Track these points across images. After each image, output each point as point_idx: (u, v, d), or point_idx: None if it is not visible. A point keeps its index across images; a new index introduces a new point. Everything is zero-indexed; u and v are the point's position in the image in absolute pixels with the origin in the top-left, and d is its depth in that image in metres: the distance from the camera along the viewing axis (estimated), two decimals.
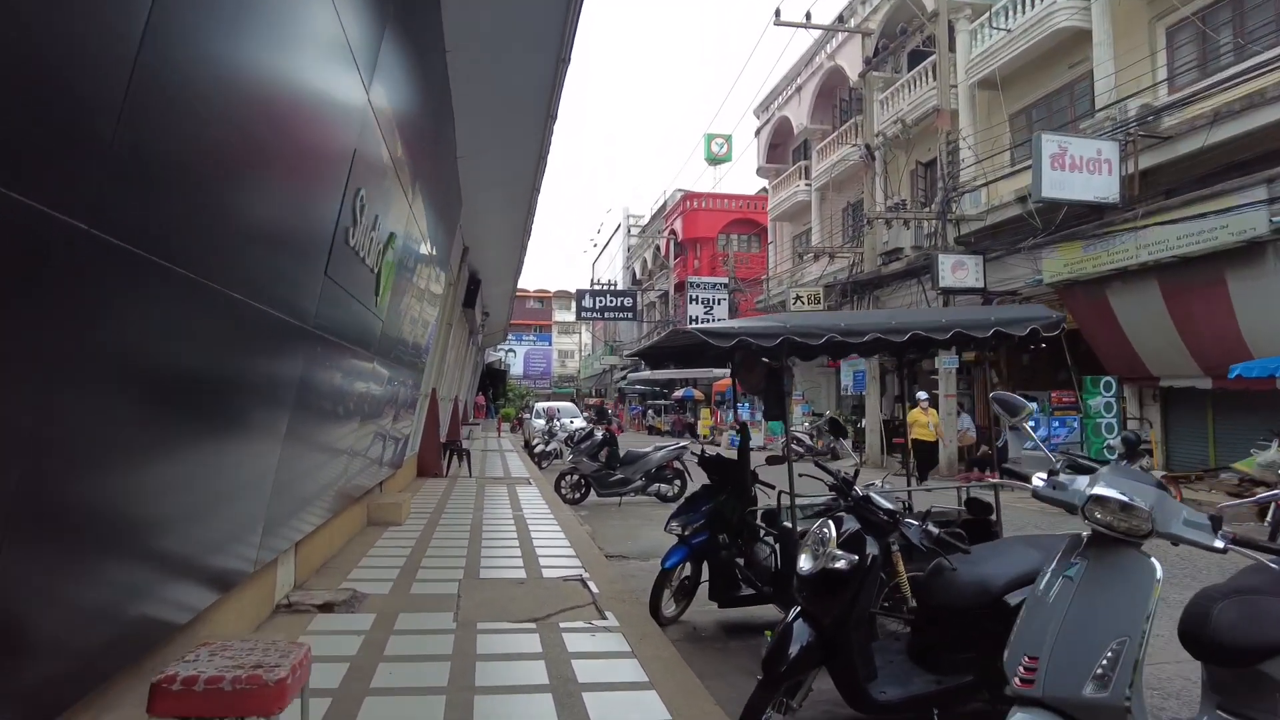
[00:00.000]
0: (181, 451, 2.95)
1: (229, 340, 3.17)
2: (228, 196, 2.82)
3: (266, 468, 3.95)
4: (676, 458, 11.98)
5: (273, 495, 4.12)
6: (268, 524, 4.14)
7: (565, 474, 12.05)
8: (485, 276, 17.31)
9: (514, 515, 9.31)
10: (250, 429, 3.66)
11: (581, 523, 9.56)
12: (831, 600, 3.41)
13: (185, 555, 3.24)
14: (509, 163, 9.97)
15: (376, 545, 7.23)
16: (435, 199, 8.10)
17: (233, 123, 2.69)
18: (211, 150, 2.58)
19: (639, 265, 54.50)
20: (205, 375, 3.04)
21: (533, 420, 25.17)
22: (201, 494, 3.25)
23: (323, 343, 4.47)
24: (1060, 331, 4.80)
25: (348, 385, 5.82)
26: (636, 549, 8.31)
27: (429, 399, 13.67)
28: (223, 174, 2.73)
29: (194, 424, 3.03)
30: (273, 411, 3.88)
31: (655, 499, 11.99)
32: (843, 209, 26.19)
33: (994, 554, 3.69)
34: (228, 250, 2.93)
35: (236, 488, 3.65)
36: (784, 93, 30.49)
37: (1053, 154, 12.29)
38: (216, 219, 2.76)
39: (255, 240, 3.20)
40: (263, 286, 3.34)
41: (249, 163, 2.93)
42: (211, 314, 2.89)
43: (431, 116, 6.77)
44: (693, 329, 4.16)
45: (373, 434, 7.83)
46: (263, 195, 3.17)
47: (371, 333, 6.10)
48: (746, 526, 5.22)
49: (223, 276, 2.85)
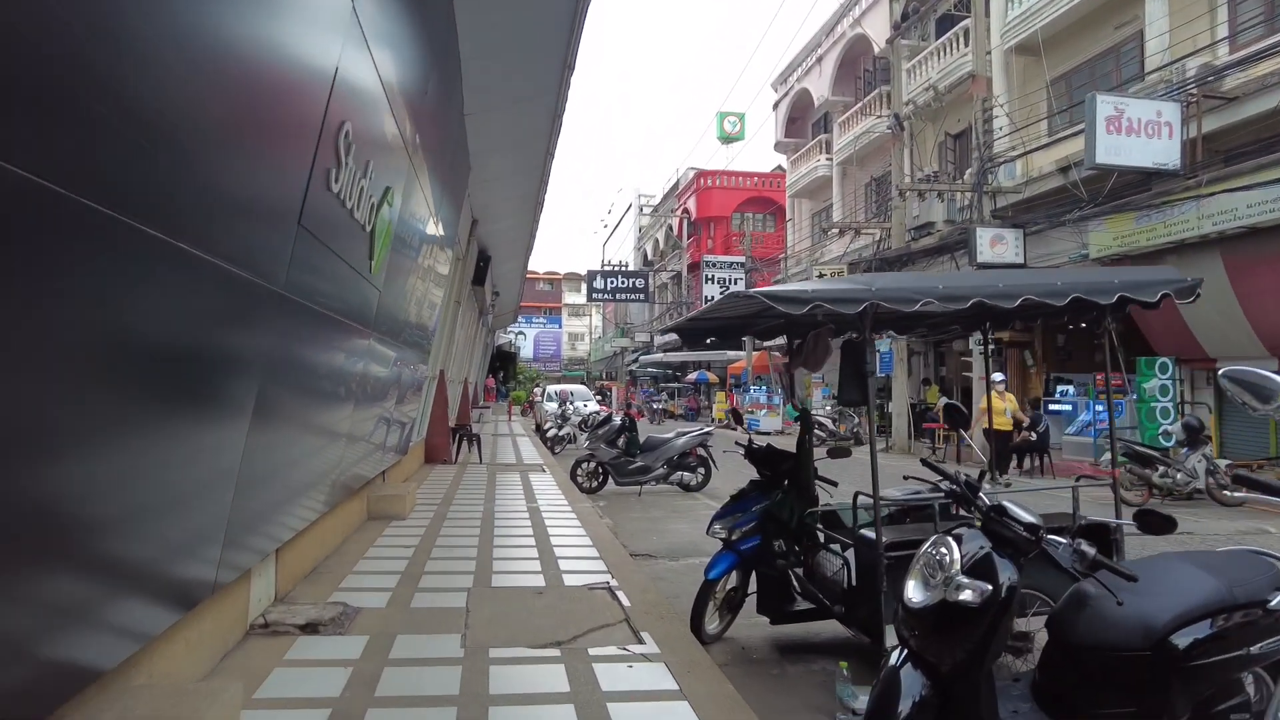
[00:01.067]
0: (100, 441, 2.16)
1: (161, 302, 2.37)
2: (146, 93, 1.99)
3: (225, 463, 3.16)
4: (700, 444, 11.18)
5: (238, 496, 3.33)
6: (232, 532, 3.36)
7: (581, 461, 11.27)
8: (495, 253, 16.48)
9: (528, 507, 8.53)
10: (199, 414, 2.86)
11: (601, 515, 8.78)
12: (953, 642, 2.60)
13: (111, 580, 2.46)
14: (522, 121, 9.12)
15: (376, 544, 6.46)
16: (440, 155, 7.26)
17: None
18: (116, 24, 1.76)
19: (650, 246, 53.51)
20: (131, 344, 2.24)
21: (544, 403, 24.38)
22: (133, 496, 2.46)
23: (301, 311, 3.66)
24: (1195, 298, 3.95)
25: (340, 364, 5.02)
26: (664, 546, 7.52)
27: (437, 381, 12.90)
28: (136, 59, 1.91)
29: (119, 405, 2.24)
30: (230, 393, 3.08)
31: (678, 488, 11.20)
32: (866, 184, 25.19)
33: (1152, 578, 2.86)
34: (157, 182, 2.12)
35: (183, 487, 2.85)
36: (804, 64, 29.40)
37: (1108, 116, 11.32)
38: (136, 130, 1.94)
39: (197, 171, 2.38)
40: (211, 233, 2.53)
41: (179, 49, 2.10)
42: (134, 264, 2.09)
43: (437, 58, 5.92)
44: (757, 292, 3.35)
45: (374, 419, 7.05)
46: (202, 101, 2.34)
47: (367, 304, 5.29)
48: (807, 531, 4.41)
49: (151, 217, 2.05)
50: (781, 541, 4.42)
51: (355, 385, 5.54)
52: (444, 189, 8.01)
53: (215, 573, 3.25)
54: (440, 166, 7.48)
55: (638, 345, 51.73)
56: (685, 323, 4.96)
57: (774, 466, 4.71)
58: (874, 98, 24.04)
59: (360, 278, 4.85)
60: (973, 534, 2.74)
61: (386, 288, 5.81)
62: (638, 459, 11.00)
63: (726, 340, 5.22)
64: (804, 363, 4.13)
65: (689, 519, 9.05)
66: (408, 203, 5.91)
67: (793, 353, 4.61)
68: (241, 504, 3.42)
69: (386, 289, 5.83)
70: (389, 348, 6.75)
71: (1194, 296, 3.92)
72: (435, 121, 6.53)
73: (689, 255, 43.31)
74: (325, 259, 3.92)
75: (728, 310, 4.43)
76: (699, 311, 4.46)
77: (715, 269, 30.01)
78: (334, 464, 5.45)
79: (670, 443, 11.11)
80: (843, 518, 4.56)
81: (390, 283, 5.94)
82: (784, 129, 31.47)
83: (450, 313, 12.93)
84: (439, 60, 5.98)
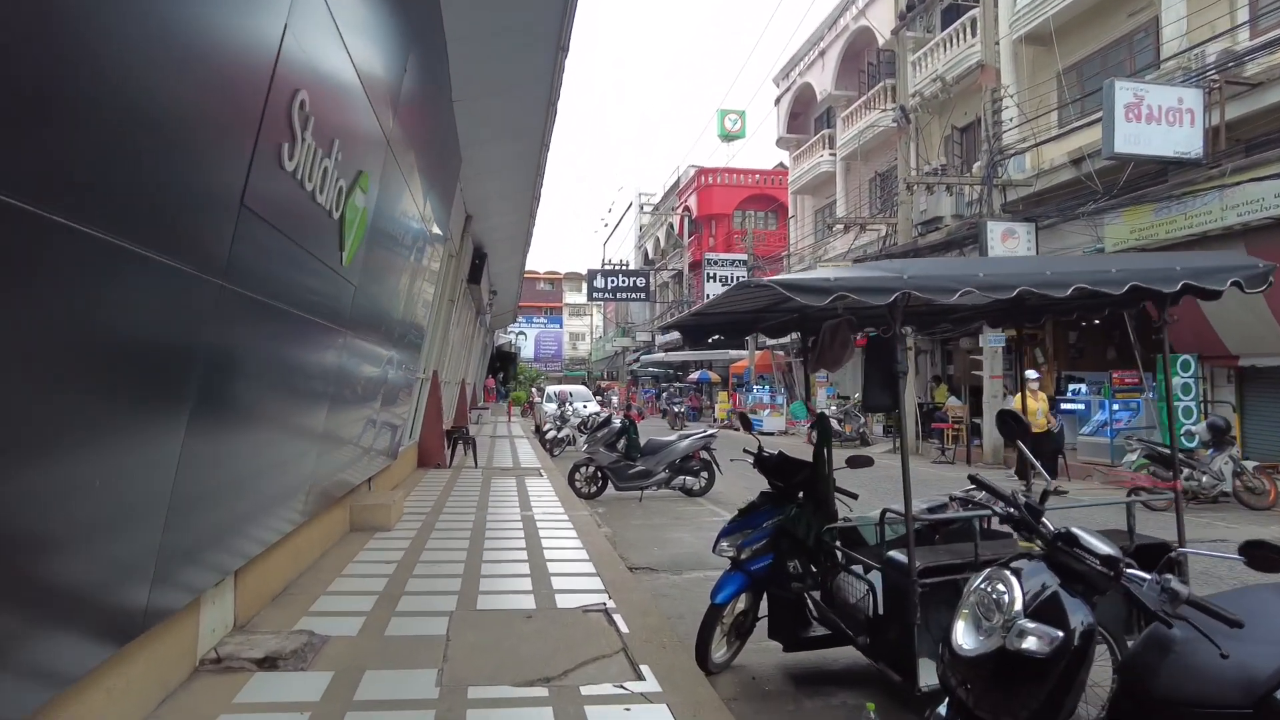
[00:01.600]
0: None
1: (54, 290, 1.92)
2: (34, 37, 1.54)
3: (155, 478, 2.71)
4: (703, 447, 10.72)
5: (174, 514, 2.88)
6: (167, 556, 2.91)
7: (580, 465, 10.81)
8: (492, 250, 16.02)
9: (523, 516, 8.08)
10: (112, 419, 2.41)
11: (599, 523, 8.33)
12: (1016, 698, 2.16)
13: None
14: (514, 109, 8.66)
15: (356, 559, 6.01)
16: (425, 142, 6.81)
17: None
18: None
19: (651, 245, 53.05)
20: (24, 340, 1.79)
21: (544, 404, 23.92)
22: (35, 514, 2.02)
23: (249, 305, 3.21)
24: (1268, 287, 3.50)
25: (307, 364, 4.57)
26: (665, 558, 7.06)
27: (430, 382, 12.46)
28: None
29: (18, 409, 1.79)
30: (155, 396, 2.63)
31: (680, 493, 10.75)
32: (870, 179, 24.72)
33: (1249, 618, 2.40)
34: (42, 148, 1.67)
35: (102, 505, 2.41)
36: (806, 58, 28.92)
37: (1127, 104, 10.84)
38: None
39: (92, 131, 1.93)
40: (114, 209, 2.08)
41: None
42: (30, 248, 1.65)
43: (416, 32, 5.47)
44: (773, 281, 2.89)
45: (356, 422, 6.61)
46: (105, 46, 1.89)
47: (339, 300, 4.84)
48: (825, 550, 3.95)
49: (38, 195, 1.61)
50: (797, 561, 3.97)
51: (329, 387, 5.09)
52: (431, 179, 7.57)
53: (146, 602, 2.80)
54: (426, 154, 7.03)
55: (639, 345, 51.29)
56: (689, 318, 4.50)
57: (787, 477, 4.26)
58: (879, 91, 23.57)
59: (329, 270, 4.40)
60: (1035, 567, 2.28)
61: (364, 282, 5.37)
62: (638, 463, 10.55)
63: (732, 338, 4.77)
64: (821, 362, 3.67)
65: (692, 527, 8.60)
66: (387, 191, 5.46)
67: (808, 350, 4.15)
68: (180, 523, 2.97)
69: (364, 283, 5.38)
70: (371, 346, 6.31)
71: (1266, 285, 3.47)
72: (417, 103, 6.08)
73: (690, 254, 42.86)
74: (280, 246, 3.47)
75: (736, 303, 3.98)
76: (704, 305, 4.00)
77: (717, 267, 29.55)
78: (307, 473, 5.00)
79: (672, 446, 10.66)
80: (864, 534, 4.11)
81: (368, 277, 5.49)
82: (786, 124, 30.99)
83: (443, 312, 12.48)
84: (420, 35, 5.52)
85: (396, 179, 5.76)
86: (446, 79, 7.24)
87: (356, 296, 5.20)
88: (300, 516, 5.08)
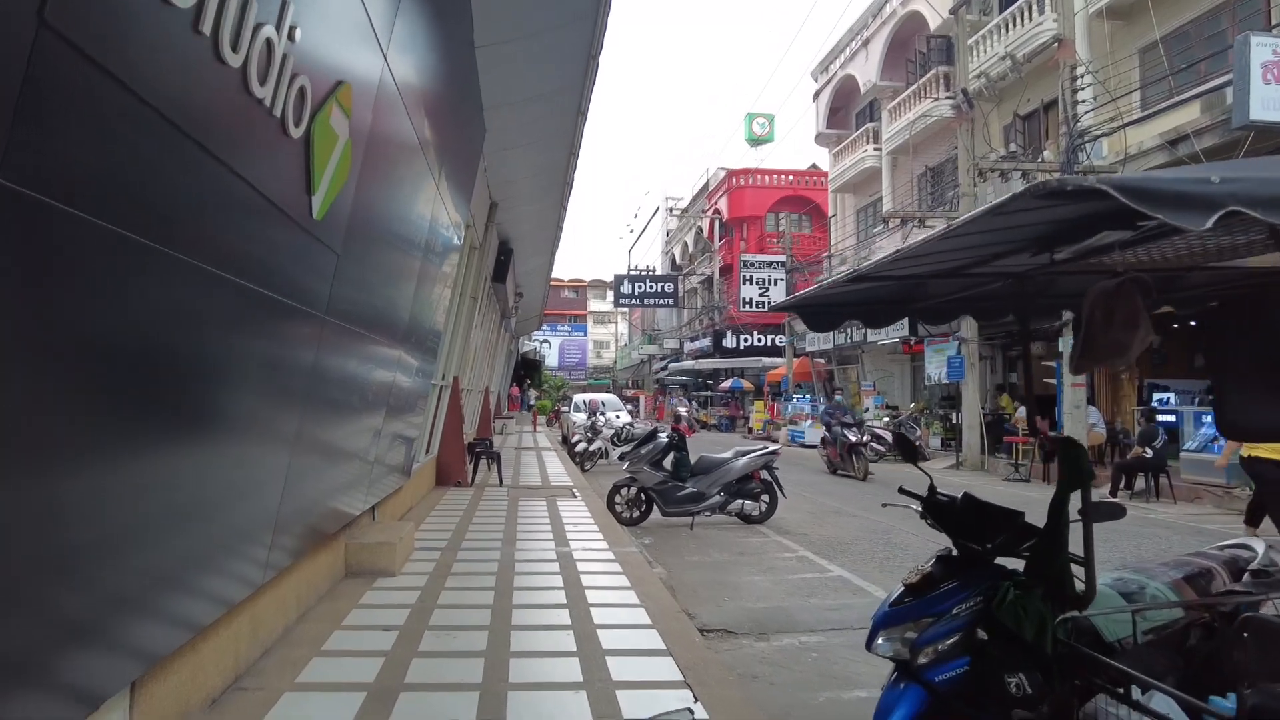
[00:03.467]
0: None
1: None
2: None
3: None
4: (764, 465, 9.22)
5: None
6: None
7: (621, 486, 9.33)
8: (518, 246, 14.65)
9: (558, 553, 6.62)
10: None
11: (650, 560, 6.86)
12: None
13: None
14: (546, 64, 7.26)
15: (343, 624, 4.57)
16: (438, 84, 5.41)
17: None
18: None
19: (679, 250, 51.62)
20: None
21: (571, 414, 22.47)
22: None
23: (150, 261, 1.80)
24: None
25: (253, 356, 3.16)
26: (742, 614, 5.57)
27: (450, 390, 11.07)
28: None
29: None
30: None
31: (736, 519, 9.25)
32: (920, 174, 23.10)
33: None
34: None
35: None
36: (847, 48, 27.41)
37: (1265, 62, 9.23)
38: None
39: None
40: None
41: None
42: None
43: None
44: (1103, 184, 1.47)
45: (352, 437, 5.22)
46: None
47: (309, 269, 3.43)
48: (1067, 658, 2.45)
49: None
50: (1021, 676, 2.47)
51: (299, 391, 3.67)
52: (447, 138, 6.17)
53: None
54: (440, 103, 5.64)
55: (666, 352, 49.81)
56: (820, 293, 3.02)
57: (982, 533, 2.76)
58: (930, 79, 21.99)
59: (290, 221, 2.98)
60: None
61: (354, 253, 3.96)
62: (688, 484, 9.07)
63: (875, 323, 3.31)
64: (1092, 353, 2.19)
65: (763, 566, 7.10)
66: (385, 130, 4.05)
67: (1026, 338, 2.68)
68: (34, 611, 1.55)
69: (354, 255, 3.97)
70: (368, 343, 4.90)
71: None
72: (426, 30, 4.67)
73: (720, 258, 41.37)
74: (178, 155, 2.05)
75: (915, 264, 2.50)
76: (869, 267, 2.52)
77: (753, 269, 28.00)
78: (266, 510, 3.58)
79: (728, 465, 9.16)
80: (1104, 629, 2.60)
81: (360, 246, 4.09)
82: (826, 120, 29.44)
83: (465, 310, 11.11)
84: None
85: (399, 117, 4.36)
86: (468, 16, 5.84)
87: (342, 271, 3.79)
88: (261, 573, 3.66)
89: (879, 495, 12.28)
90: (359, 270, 4.17)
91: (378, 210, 4.43)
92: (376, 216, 4.42)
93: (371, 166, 3.92)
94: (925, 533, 7.89)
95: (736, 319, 36.24)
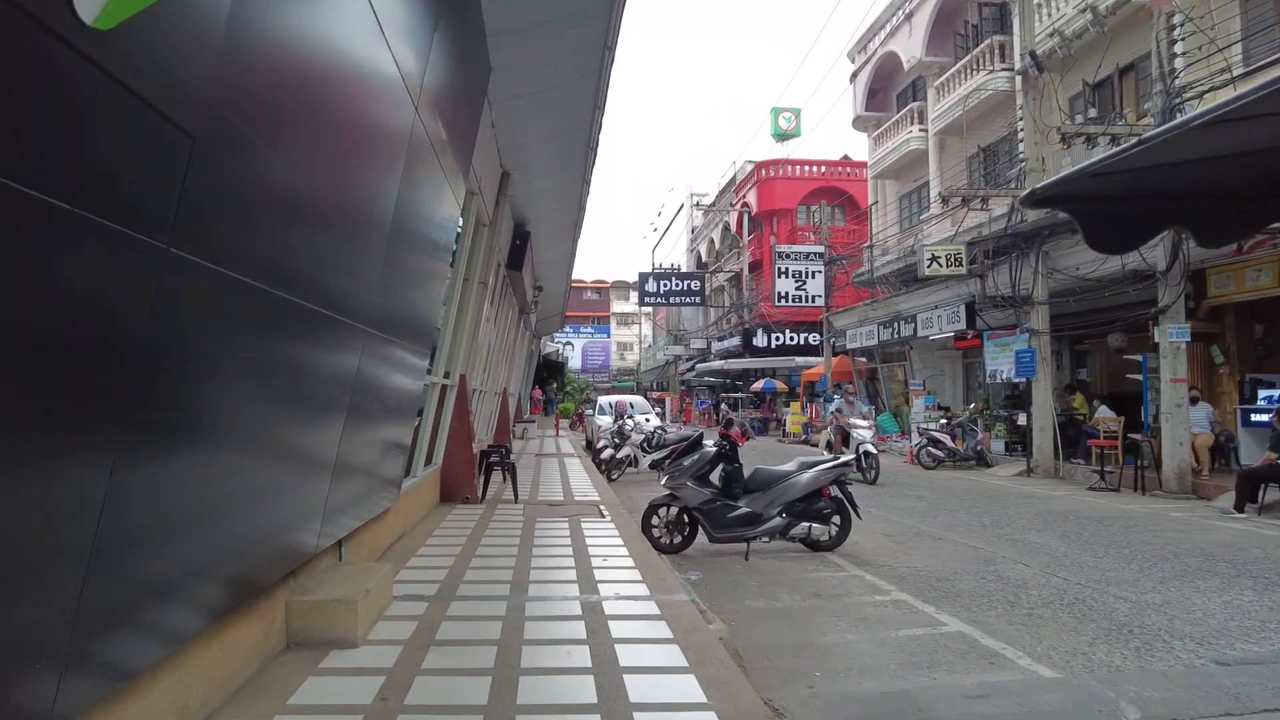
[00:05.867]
0: None
1: None
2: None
3: None
4: (835, 480, 7.52)
5: None
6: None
7: (658, 506, 7.67)
8: (535, 228, 13.05)
9: (584, 603, 4.98)
10: None
11: (702, 609, 5.21)
12: None
13: None
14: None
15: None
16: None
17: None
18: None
19: (705, 247, 49.91)
20: None
21: (596, 417, 20.81)
22: None
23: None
24: None
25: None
26: (849, 705, 3.87)
27: (457, 390, 9.49)
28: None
29: None
30: None
31: (800, 546, 7.56)
32: (972, 155, 21.23)
33: None
34: None
35: None
36: (888, 24, 25.57)
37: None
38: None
39: None
40: None
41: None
42: None
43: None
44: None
45: (292, 447, 3.63)
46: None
47: (118, 149, 1.82)
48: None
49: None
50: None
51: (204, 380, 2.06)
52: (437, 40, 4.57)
53: None
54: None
55: (692, 353, 48.07)
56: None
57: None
58: (985, 50, 20.13)
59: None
60: None
61: (224, 133, 2.34)
62: (742, 503, 7.39)
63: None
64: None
65: (852, 614, 5.41)
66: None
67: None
68: None
69: (224, 136, 2.36)
70: (287, 311, 3.30)
71: None
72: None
73: (749, 253, 39.59)
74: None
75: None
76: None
77: (789, 260, 26.17)
78: (139, 569, 1.98)
79: (790, 480, 7.47)
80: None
81: (254, 129, 2.47)
82: (864, 102, 27.61)
83: (473, 297, 9.52)
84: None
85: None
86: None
87: (204, 161, 2.18)
88: (125, 669, 2.05)
89: (946, 505, 10.59)
90: (252, 172, 2.56)
91: (292, 64, 2.81)
92: (291, 77, 2.80)
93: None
94: (1037, 560, 6.05)
95: (767, 316, 34.46)
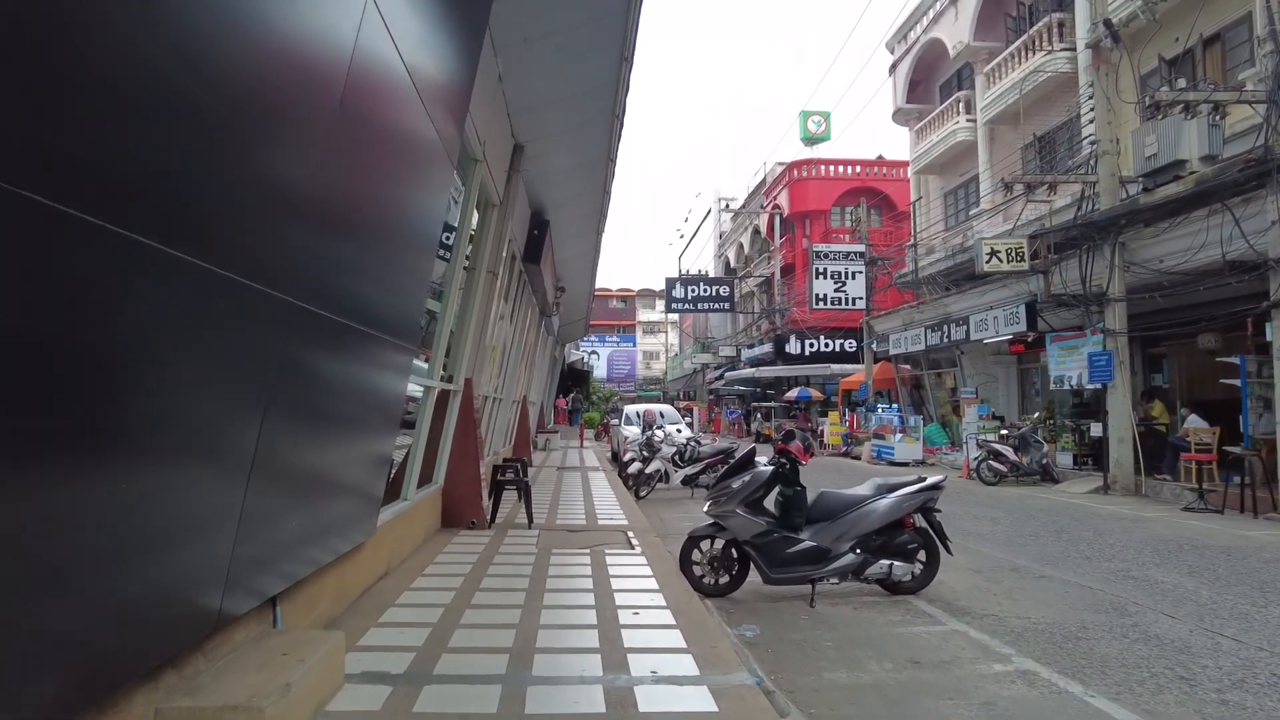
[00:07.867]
0: None
1: None
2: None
3: None
4: (921, 508, 6.08)
5: None
6: None
7: (701, 538, 6.27)
8: (555, 217, 11.73)
9: (607, 689, 3.59)
10: None
11: (770, 691, 3.80)
12: None
13: None
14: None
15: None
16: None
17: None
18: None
19: (733, 252, 48.49)
20: None
21: (623, 428, 19.42)
22: None
23: None
24: None
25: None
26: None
27: (461, 397, 8.18)
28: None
29: None
30: None
31: (876, 587, 6.13)
32: (1026, 144, 19.64)
33: None
34: None
35: None
36: (931, 10, 24.07)
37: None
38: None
39: None
40: None
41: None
42: None
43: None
44: None
45: (160, 468, 2.29)
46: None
47: None
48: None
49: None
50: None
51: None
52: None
53: None
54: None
55: (721, 361, 46.57)
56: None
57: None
58: (1042, 29, 18.58)
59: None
60: None
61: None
62: (805, 535, 5.97)
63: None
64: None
65: (972, 697, 3.95)
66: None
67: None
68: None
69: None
70: (190, 274, 1.97)
71: None
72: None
73: (781, 257, 38.12)
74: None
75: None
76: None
77: (828, 260, 24.65)
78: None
79: (865, 506, 6.04)
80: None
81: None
82: (905, 94, 26.10)
83: (480, 288, 8.20)
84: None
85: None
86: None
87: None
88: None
89: (1028, 530, 9.01)
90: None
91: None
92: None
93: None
94: (1181, 609, 4.64)
95: (801, 322, 32.94)
